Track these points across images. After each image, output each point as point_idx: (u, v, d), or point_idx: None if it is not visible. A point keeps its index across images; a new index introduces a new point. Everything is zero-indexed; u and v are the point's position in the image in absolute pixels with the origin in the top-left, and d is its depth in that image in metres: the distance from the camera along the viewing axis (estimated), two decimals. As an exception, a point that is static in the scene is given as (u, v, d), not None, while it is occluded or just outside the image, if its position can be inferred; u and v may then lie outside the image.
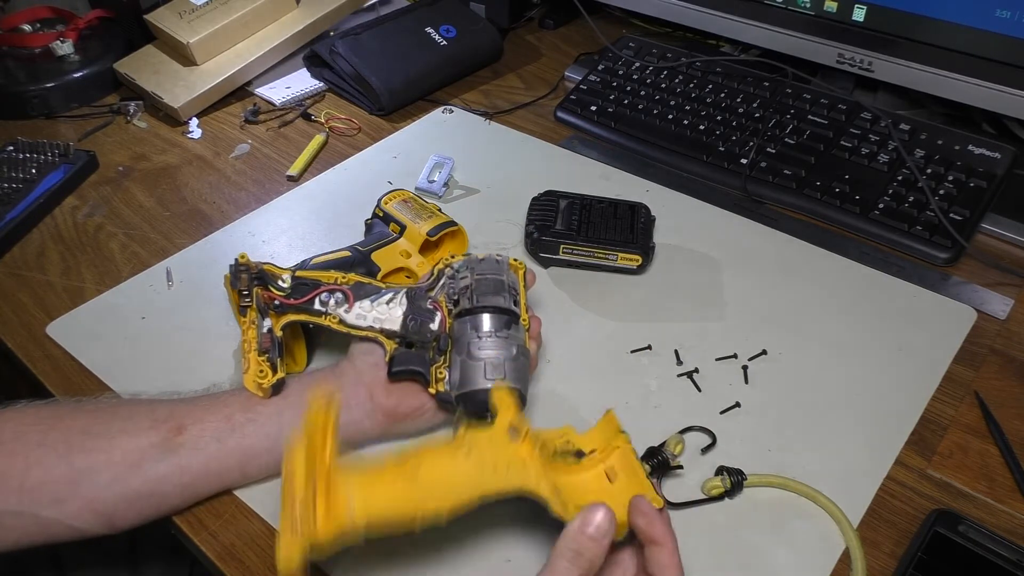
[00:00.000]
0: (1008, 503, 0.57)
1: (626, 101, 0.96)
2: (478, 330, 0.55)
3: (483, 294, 0.57)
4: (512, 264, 0.61)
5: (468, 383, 0.54)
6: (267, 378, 0.56)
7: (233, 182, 0.91)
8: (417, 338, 0.57)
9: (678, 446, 0.59)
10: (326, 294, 0.58)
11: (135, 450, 0.52)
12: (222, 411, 0.55)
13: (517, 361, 0.55)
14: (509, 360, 0.54)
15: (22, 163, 0.90)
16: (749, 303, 0.73)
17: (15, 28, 1.09)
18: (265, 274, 0.58)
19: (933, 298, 0.73)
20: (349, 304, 0.58)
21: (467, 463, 0.48)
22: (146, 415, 0.54)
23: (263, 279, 0.58)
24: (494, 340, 0.55)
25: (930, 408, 0.63)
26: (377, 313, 0.58)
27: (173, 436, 0.53)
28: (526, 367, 0.56)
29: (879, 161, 0.84)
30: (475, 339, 0.55)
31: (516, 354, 0.55)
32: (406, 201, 0.77)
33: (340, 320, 0.58)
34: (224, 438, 0.54)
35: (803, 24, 0.91)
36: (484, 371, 0.53)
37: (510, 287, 0.58)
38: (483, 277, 0.58)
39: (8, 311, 0.74)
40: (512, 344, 0.55)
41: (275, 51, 1.05)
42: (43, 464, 0.51)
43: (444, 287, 0.59)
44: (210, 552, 0.55)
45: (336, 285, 0.59)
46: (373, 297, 0.58)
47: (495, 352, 0.54)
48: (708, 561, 0.53)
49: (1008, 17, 0.77)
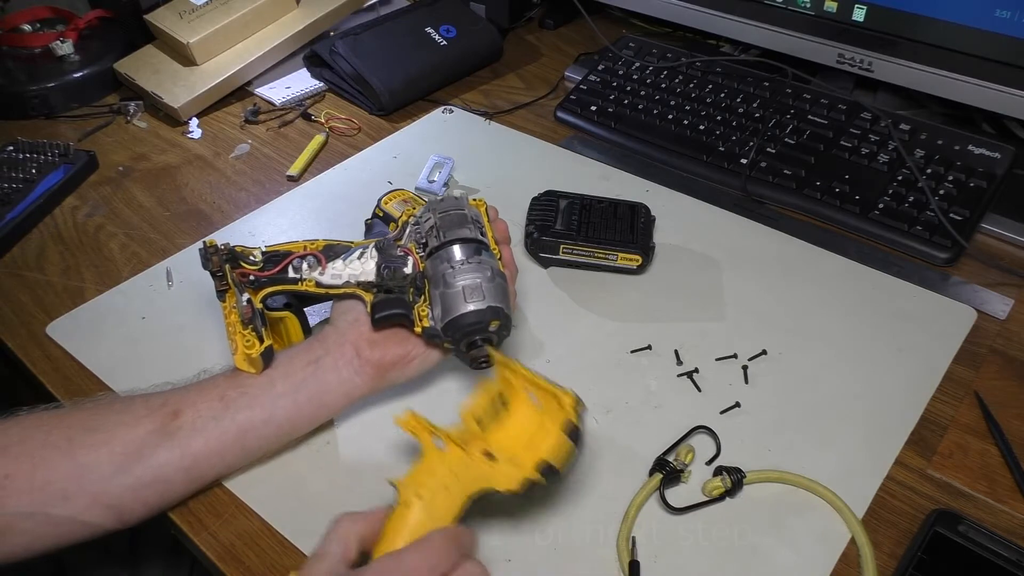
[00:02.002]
0: (1008, 503, 0.57)
1: (626, 101, 0.96)
2: (450, 261, 0.57)
3: (448, 228, 0.58)
4: (473, 202, 0.64)
5: (450, 311, 0.55)
6: (254, 347, 0.56)
7: (233, 182, 0.91)
8: (393, 283, 0.58)
9: (688, 455, 0.59)
10: (297, 260, 0.58)
11: (135, 439, 0.53)
12: (214, 391, 0.55)
13: (493, 282, 0.56)
14: (486, 282, 0.56)
15: (22, 163, 0.90)
16: (749, 303, 0.73)
17: (15, 28, 1.09)
18: (235, 253, 0.58)
19: (933, 298, 0.73)
20: (322, 266, 0.59)
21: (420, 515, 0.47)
22: (142, 405, 0.55)
23: (234, 258, 0.58)
24: (467, 267, 0.56)
25: (930, 408, 0.63)
26: (351, 270, 0.59)
27: (170, 421, 0.53)
28: (504, 287, 0.57)
29: (879, 161, 0.84)
30: (449, 270, 0.56)
31: (491, 275, 0.57)
32: (406, 201, 0.77)
33: (316, 283, 0.59)
34: (220, 416, 0.55)
35: (803, 24, 0.91)
36: (464, 296, 0.55)
37: (473, 220, 0.60)
38: (446, 214, 0.60)
39: (8, 311, 0.74)
40: (486, 268, 0.57)
41: (275, 51, 1.05)
42: (48, 463, 0.51)
43: (411, 234, 0.61)
44: (210, 552, 0.55)
45: (306, 251, 0.59)
46: (344, 256, 0.59)
47: (471, 277, 0.56)
48: (709, 561, 0.53)
49: (1008, 17, 0.77)
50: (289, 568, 0.54)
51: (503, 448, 0.50)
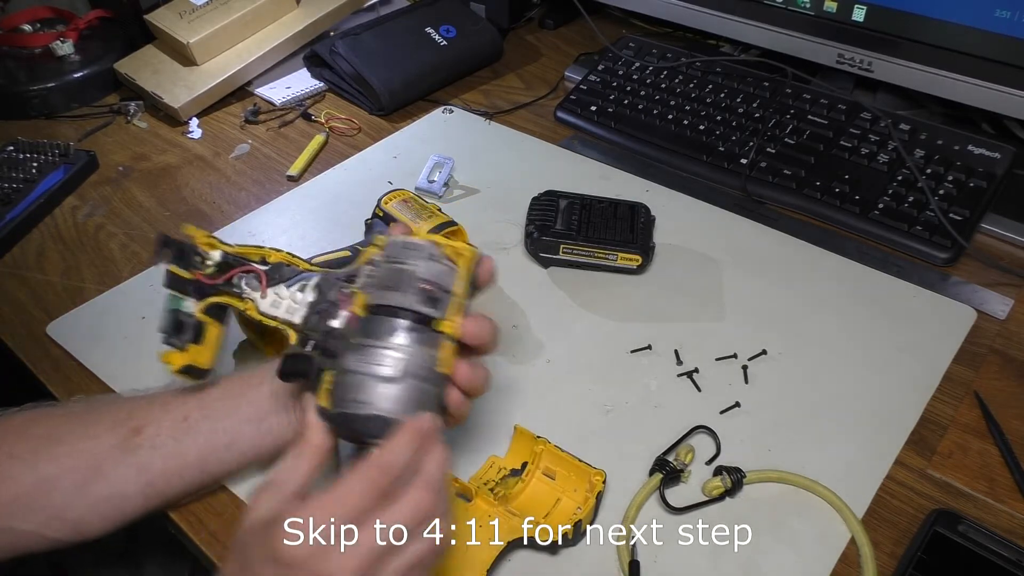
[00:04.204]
0: (1008, 503, 0.57)
1: (626, 101, 0.96)
2: (366, 335, 0.46)
3: (378, 288, 0.47)
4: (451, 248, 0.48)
5: (339, 402, 0.45)
6: (174, 363, 0.51)
7: (233, 182, 0.91)
8: (315, 335, 0.49)
9: (688, 455, 0.59)
10: (240, 275, 0.51)
11: (96, 454, 0.52)
12: (179, 410, 0.54)
13: (399, 384, 0.44)
14: (384, 381, 0.44)
15: (22, 163, 0.90)
16: (749, 303, 0.73)
17: (15, 28, 1.09)
18: (186, 248, 0.50)
19: (933, 298, 0.73)
20: (263, 288, 0.50)
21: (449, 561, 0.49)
22: (107, 416, 0.54)
23: (183, 254, 0.50)
24: (376, 352, 0.45)
25: (930, 408, 0.63)
26: (291, 301, 0.50)
27: (131, 437, 0.53)
28: (427, 395, 0.46)
29: (879, 161, 0.84)
30: (357, 347, 0.46)
31: (412, 374, 0.45)
32: (406, 201, 0.77)
33: (256, 307, 0.51)
34: (181, 438, 0.53)
35: (803, 24, 0.91)
36: (355, 390, 0.45)
37: (427, 279, 0.46)
38: (395, 264, 0.47)
39: (8, 311, 0.74)
40: (411, 362, 0.45)
41: (275, 51, 1.05)
42: (13, 476, 0.51)
43: (367, 276, 0.49)
44: (210, 552, 0.55)
45: (252, 266, 0.51)
46: (290, 281, 0.51)
47: (370, 367, 0.45)
48: (709, 561, 0.53)
49: (1008, 17, 0.77)
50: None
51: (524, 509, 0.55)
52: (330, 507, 0.41)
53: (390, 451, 0.43)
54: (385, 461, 0.42)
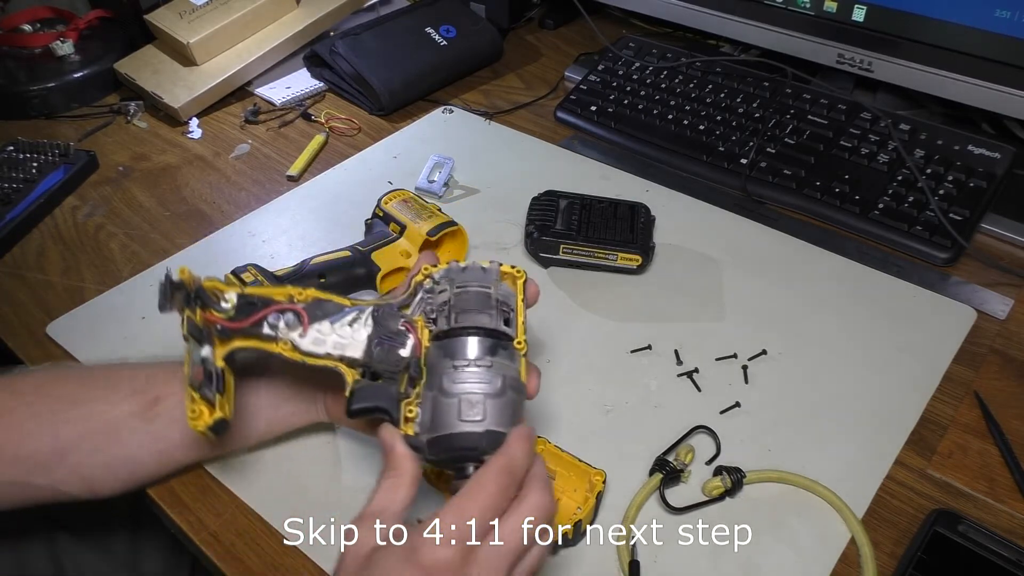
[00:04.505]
0: (1008, 503, 0.57)
1: (626, 101, 0.96)
2: (454, 357, 0.46)
3: (462, 311, 0.47)
4: (507, 272, 0.51)
5: (438, 426, 0.45)
6: (200, 418, 0.48)
7: (233, 182, 0.91)
8: (383, 367, 0.47)
9: (688, 455, 0.59)
10: (275, 315, 0.48)
11: (114, 420, 0.54)
12: None
13: (502, 397, 0.45)
14: (491, 396, 0.45)
15: (22, 163, 0.90)
16: (749, 303, 0.73)
17: (15, 28, 1.09)
18: (203, 292, 0.48)
19: (933, 298, 0.73)
20: (303, 326, 0.48)
21: None
22: (127, 383, 0.56)
23: (201, 298, 0.48)
24: (474, 370, 0.45)
25: (930, 408, 0.63)
26: (338, 336, 0.48)
27: (150, 407, 0.54)
28: (515, 403, 0.46)
29: (879, 161, 0.84)
30: (450, 369, 0.45)
31: (502, 387, 0.45)
32: (406, 201, 0.77)
33: (294, 346, 0.48)
34: None
35: (803, 24, 0.91)
36: (459, 410, 0.44)
37: (500, 302, 0.48)
38: (464, 290, 0.48)
39: (8, 311, 0.74)
40: (497, 376, 0.45)
41: (275, 51, 1.05)
42: (33, 434, 0.53)
43: (422, 303, 0.50)
44: (210, 552, 0.55)
45: (289, 304, 0.49)
46: (334, 317, 0.49)
47: (474, 385, 0.45)
48: (709, 561, 0.53)
49: (1008, 17, 0.77)
50: (289, 568, 0.54)
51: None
52: (468, 509, 0.41)
53: (512, 456, 0.43)
54: (512, 464, 0.43)
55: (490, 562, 0.40)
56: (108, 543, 0.70)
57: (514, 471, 0.43)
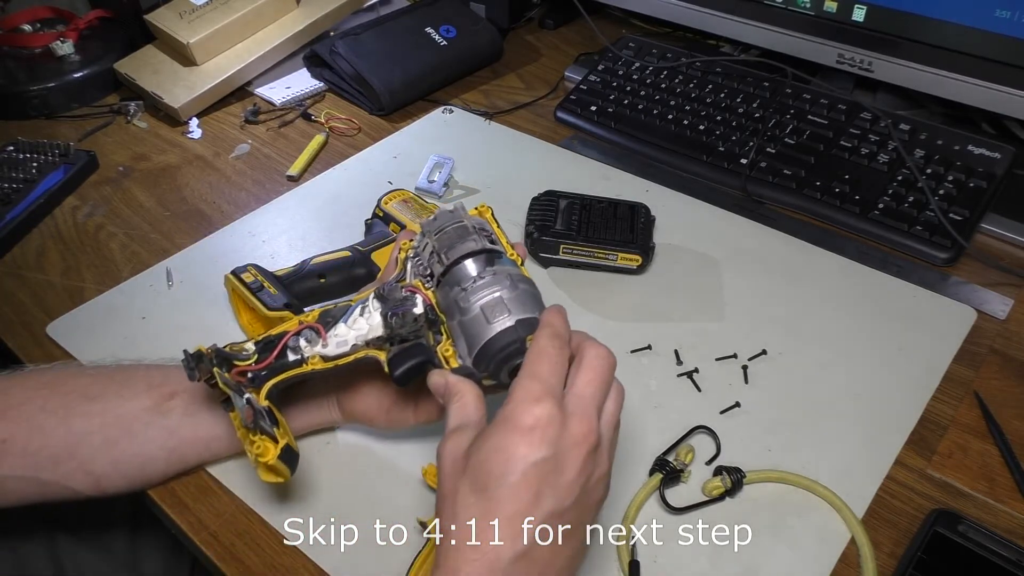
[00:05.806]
0: (1008, 503, 0.57)
1: (626, 101, 0.96)
2: (460, 283, 0.49)
3: (449, 247, 0.51)
4: (475, 211, 0.56)
5: (476, 340, 0.48)
6: (268, 453, 0.49)
7: (233, 182, 0.91)
8: (406, 330, 0.50)
9: (688, 455, 0.59)
10: (294, 339, 0.51)
11: (127, 414, 0.54)
12: None
13: (516, 290, 0.49)
14: (507, 292, 0.48)
15: (22, 163, 0.90)
16: (749, 303, 0.73)
17: (15, 28, 1.09)
18: (224, 353, 0.51)
19: (933, 298, 0.73)
20: (323, 338, 0.51)
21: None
22: (142, 379, 0.56)
23: (224, 358, 0.51)
24: (481, 283, 0.49)
25: (930, 408, 0.63)
26: (356, 330, 0.51)
27: (164, 401, 0.54)
28: (531, 292, 0.50)
29: (879, 161, 0.84)
30: (461, 293, 0.49)
31: (512, 283, 0.49)
32: (406, 201, 0.77)
33: (322, 357, 0.51)
34: (214, 408, 0.55)
35: (803, 24, 0.91)
36: (485, 317, 0.48)
37: (478, 228, 0.52)
38: (442, 232, 0.52)
39: (8, 311, 0.74)
40: (503, 277, 0.49)
41: (275, 51, 1.05)
42: (44, 429, 0.53)
43: (413, 269, 0.54)
44: (210, 552, 0.55)
45: (302, 326, 0.52)
46: (345, 317, 0.52)
47: (488, 293, 0.48)
48: (709, 561, 0.53)
49: (1008, 17, 0.77)
50: (289, 568, 0.54)
51: None
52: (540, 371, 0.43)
53: (554, 324, 0.46)
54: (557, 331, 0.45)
55: (581, 404, 0.43)
56: (108, 543, 0.70)
57: (561, 335, 0.45)
